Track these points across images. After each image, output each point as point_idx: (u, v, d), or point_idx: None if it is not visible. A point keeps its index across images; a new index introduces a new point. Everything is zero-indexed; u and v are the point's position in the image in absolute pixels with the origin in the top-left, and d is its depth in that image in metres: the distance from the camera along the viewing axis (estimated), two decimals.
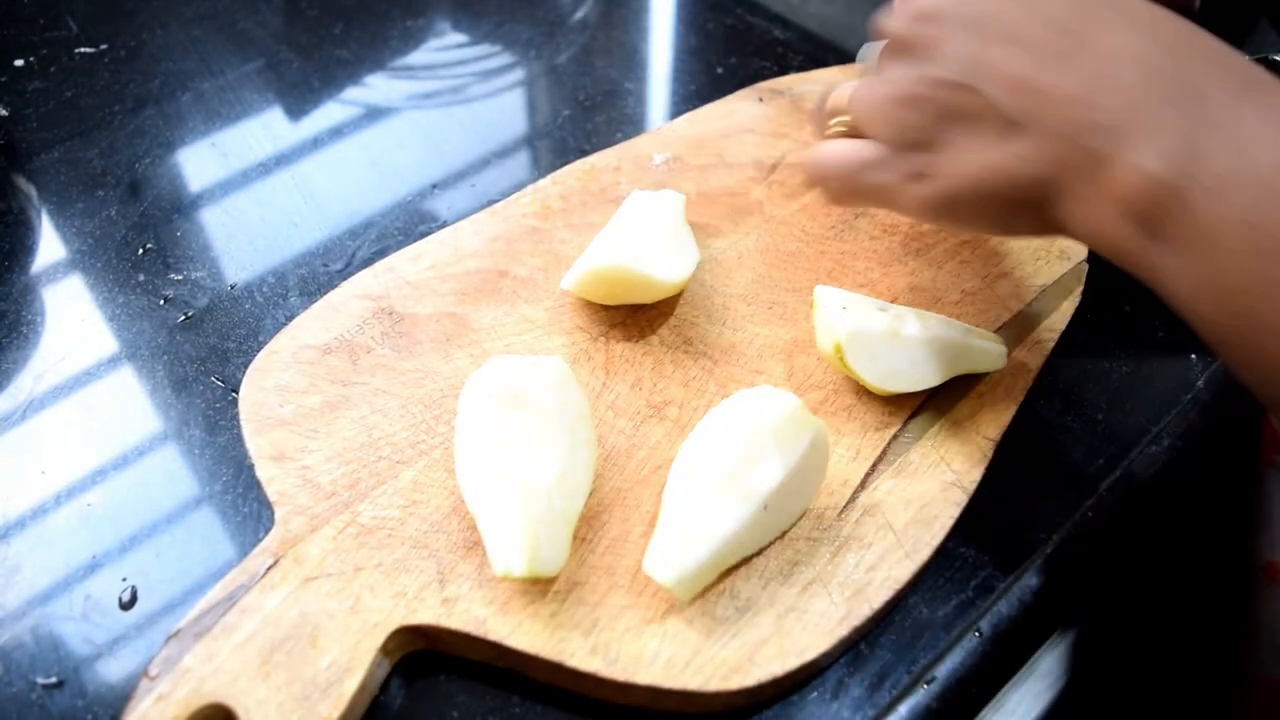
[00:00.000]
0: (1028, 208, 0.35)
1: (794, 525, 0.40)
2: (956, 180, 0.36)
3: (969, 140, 0.35)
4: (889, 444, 0.43)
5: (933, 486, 0.42)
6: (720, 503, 0.37)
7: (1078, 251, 0.52)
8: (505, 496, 0.37)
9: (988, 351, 0.45)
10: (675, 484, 0.39)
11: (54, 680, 0.38)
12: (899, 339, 0.43)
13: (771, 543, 0.39)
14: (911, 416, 0.44)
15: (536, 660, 0.36)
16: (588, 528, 0.40)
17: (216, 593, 0.37)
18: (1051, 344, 0.47)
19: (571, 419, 0.40)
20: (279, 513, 0.40)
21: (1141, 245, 0.31)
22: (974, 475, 0.42)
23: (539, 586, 0.38)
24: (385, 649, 0.36)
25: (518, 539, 0.36)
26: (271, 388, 0.44)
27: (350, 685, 0.35)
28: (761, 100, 0.61)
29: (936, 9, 0.36)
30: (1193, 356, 0.49)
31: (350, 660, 0.36)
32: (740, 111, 0.60)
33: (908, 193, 0.38)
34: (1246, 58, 0.32)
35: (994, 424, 0.44)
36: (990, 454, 0.43)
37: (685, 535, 0.37)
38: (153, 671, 0.35)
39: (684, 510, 0.37)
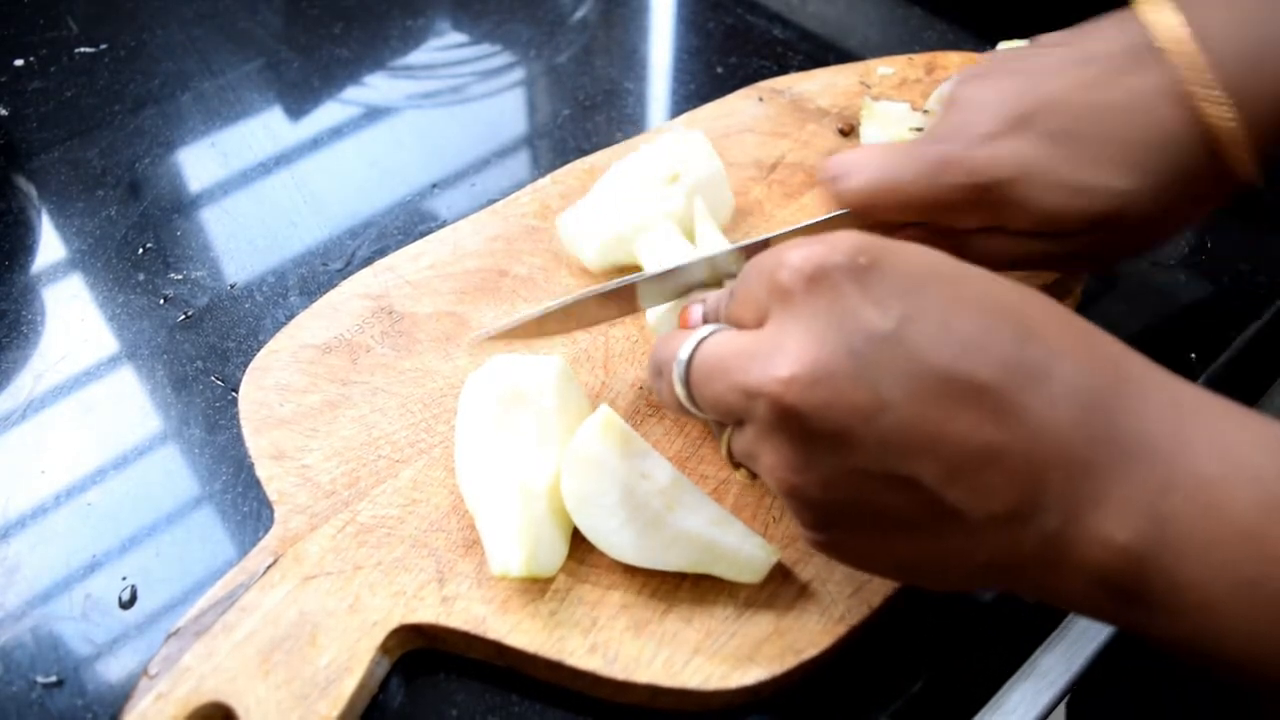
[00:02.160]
0: (974, 583, 0.33)
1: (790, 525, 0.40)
2: (878, 567, 0.33)
3: (895, 532, 0.30)
4: None
5: None
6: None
7: None
8: (504, 497, 0.37)
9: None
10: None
11: (54, 679, 0.38)
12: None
13: None
14: None
15: (535, 659, 0.36)
16: None
17: (216, 591, 0.37)
18: None
19: (571, 418, 0.40)
20: (278, 511, 0.40)
21: (1124, 611, 0.29)
22: None
23: (538, 585, 0.38)
24: (384, 647, 0.37)
25: (516, 539, 0.36)
26: (271, 386, 0.44)
27: (349, 684, 0.35)
28: (761, 100, 0.61)
29: (851, 359, 0.28)
30: (1192, 355, 0.49)
31: (349, 659, 0.36)
32: (740, 111, 0.60)
33: (809, 537, 0.33)
34: (1172, 377, 0.29)
35: None
36: None
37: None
38: (152, 670, 0.35)
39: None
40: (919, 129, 0.57)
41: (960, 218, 0.40)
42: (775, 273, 0.31)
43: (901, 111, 0.58)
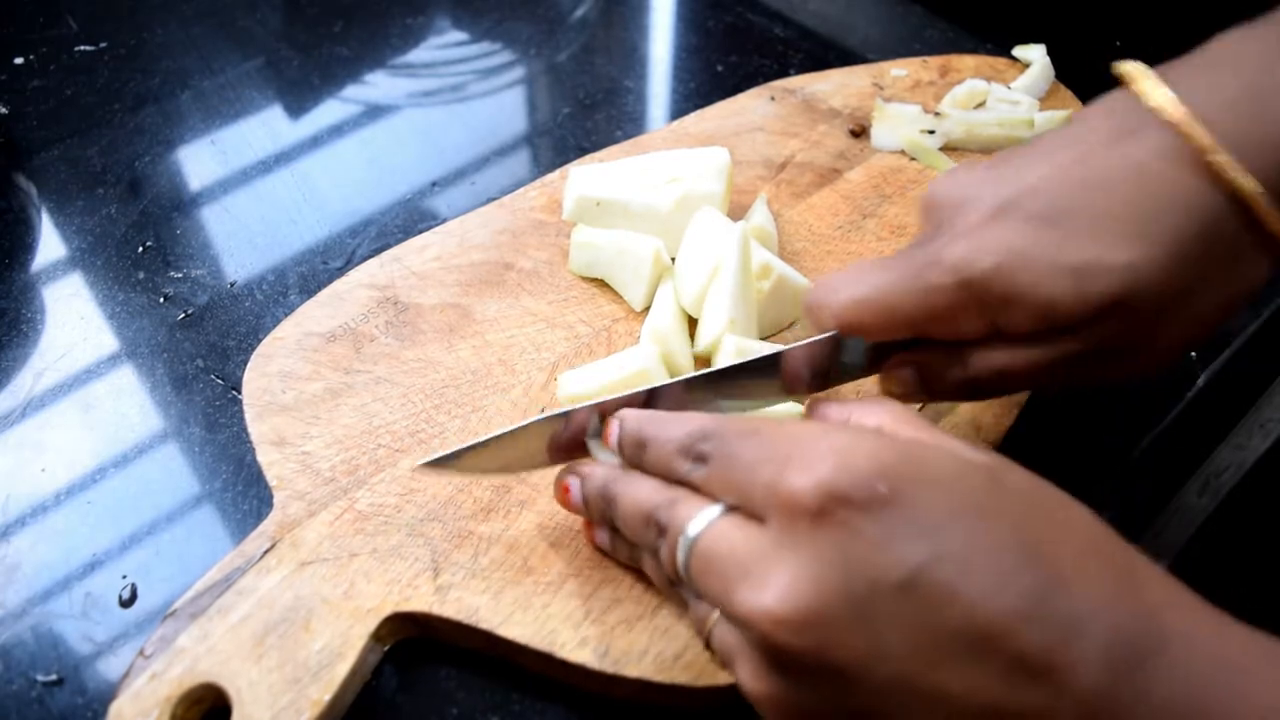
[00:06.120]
0: None
1: None
2: None
3: None
4: None
5: None
6: None
7: None
8: None
9: None
10: None
11: (54, 678, 0.38)
12: None
13: None
14: None
15: (526, 650, 0.36)
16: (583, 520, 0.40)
17: (213, 574, 0.37)
18: None
19: None
20: (277, 497, 0.40)
21: None
22: None
23: (531, 577, 0.38)
24: (378, 635, 0.37)
25: None
26: (275, 373, 0.45)
27: (341, 670, 0.35)
28: (773, 99, 0.61)
29: (850, 606, 0.26)
30: (1192, 355, 0.49)
31: (342, 645, 0.36)
32: (751, 110, 0.60)
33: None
34: (1221, 622, 0.27)
35: (995, 428, 0.44)
36: None
37: None
38: (148, 650, 0.35)
39: None
40: (930, 131, 0.57)
41: (953, 325, 0.35)
42: (780, 486, 0.28)
43: (913, 113, 0.58)
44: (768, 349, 0.43)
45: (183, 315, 0.50)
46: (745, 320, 0.44)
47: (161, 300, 0.51)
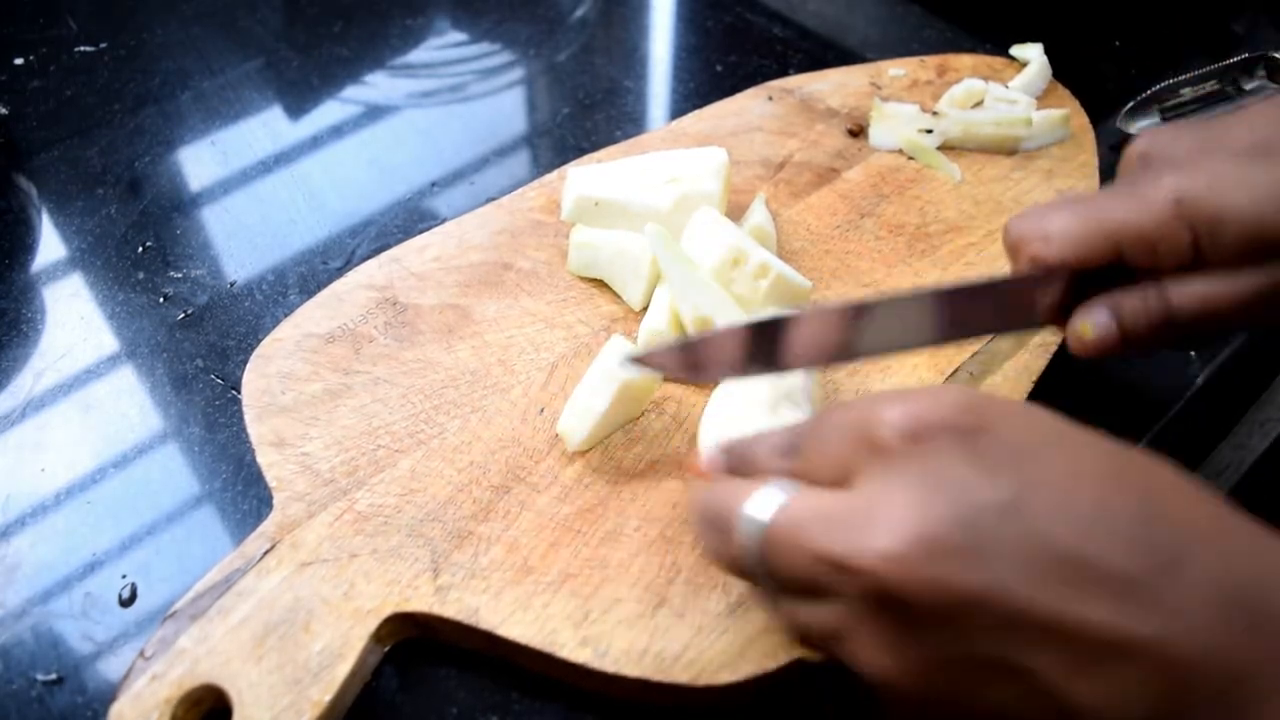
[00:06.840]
0: None
1: None
2: None
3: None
4: None
5: None
6: None
7: None
8: None
9: None
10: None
11: (54, 677, 0.38)
12: None
13: None
14: None
15: (527, 650, 0.36)
16: (582, 520, 0.40)
17: (213, 575, 0.37)
18: (1054, 346, 0.47)
19: None
20: (277, 498, 0.40)
21: None
22: None
23: (531, 577, 0.38)
24: (378, 635, 0.37)
25: None
26: (274, 374, 0.45)
27: (342, 671, 0.35)
28: (771, 99, 0.61)
29: (961, 531, 0.25)
30: (1192, 354, 0.49)
31: (342, 646, 0.36)
32: (749, 110, 0.60)
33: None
34: None
35: None
36: None
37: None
38: (148, 651, 0.35)
39: None
40: (927, 130, 0.57)
41: (1159, 250, 0.35)
42: (870, 429, 0.28)
43: (911, 113, 0.58)
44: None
45: (183, 315, 0.51)
46: (715, 304, 0.44)
47: (161, 300, 0.51)
